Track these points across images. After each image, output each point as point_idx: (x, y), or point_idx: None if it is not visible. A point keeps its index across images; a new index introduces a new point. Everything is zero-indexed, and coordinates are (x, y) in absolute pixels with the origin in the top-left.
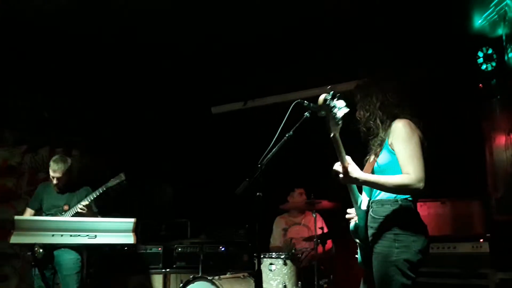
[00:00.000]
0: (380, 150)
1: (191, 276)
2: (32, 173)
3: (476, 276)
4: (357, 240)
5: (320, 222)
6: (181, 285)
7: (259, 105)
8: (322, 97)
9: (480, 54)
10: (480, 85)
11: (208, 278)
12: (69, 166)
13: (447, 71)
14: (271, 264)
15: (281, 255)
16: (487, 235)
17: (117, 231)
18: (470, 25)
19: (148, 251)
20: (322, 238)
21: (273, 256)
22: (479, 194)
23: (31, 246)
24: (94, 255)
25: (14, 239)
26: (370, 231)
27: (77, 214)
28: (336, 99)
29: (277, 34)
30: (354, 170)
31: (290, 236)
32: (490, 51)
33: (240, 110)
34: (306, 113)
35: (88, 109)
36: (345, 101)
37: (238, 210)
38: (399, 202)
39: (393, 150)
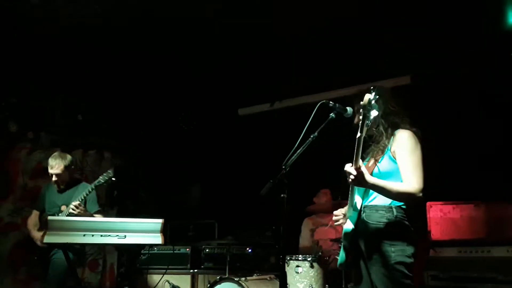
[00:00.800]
0: (381, 156)
1: (218, 277)
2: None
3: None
4: (345, 243)
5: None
6: (208, 285)
7: (286, 107)
8: (367, 97)
9: None
10: None
11: (235, 279)
12: (69, 163)
13: (483, 70)
14: (297, 266)
15: (308, 257)
16: None
17: (146, 231)
18: (505, 21)
19: (176, 251)
20: None
21: (299, 258)
22: None
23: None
24: (124, 255)
25: (48, 238)
26: (364, 236)
27: (71, 215)
28: (374, 101)
29: (303, 35)
30: (366, 174)
31: (317, 237)
32: None
33: (266, 112)
34: (331, 114)
35: (120, 112)
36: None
37: (265, 211)
38: (393, 209)
39: (395, 158)
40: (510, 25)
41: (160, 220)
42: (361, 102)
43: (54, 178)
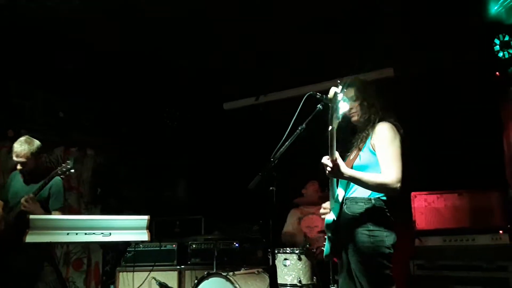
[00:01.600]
0: (363, 146)
1: (206, 272)
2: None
3: (496, 268)
4: (329, 233)
5: None
6: (196, 281)
7: (271, 100)
8: (332, 91)
9: (497, 41)
10: (497, 73)
11: (223, 274)
12: (36, 150)
13: (463, 60)
14: (285, 259)
15: (295, 250)
16: (508, 226)
17: (132, 228)
18: (486, 12)
19: (162, 248)
20: None
21: (287, 251)
22: (497, 185)
23: None
24: (110, 253)
25: (30, 238)
26: (344, 227)
27: (22, 212)
28: (342, 94)
29: (287, 28)
30: (342, 165)
31: (304, 224)
32: (507, 38)
33: (252, 106)
34: (318, 105)
35: (102, 108)
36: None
37: (252, 205)
38: (372, 201)
39: (374, 150)
40: (492, 16)
41: (146, 217)
42: (328, 95)
43: (19, 167)
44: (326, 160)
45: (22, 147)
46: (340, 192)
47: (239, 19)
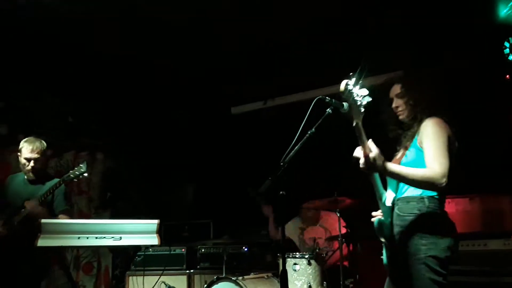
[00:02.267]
0: (409, 145)
1: (215, 277)
2: (57, 177)
3: (508, 273)
4: (382, 239)
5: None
6: (206, 285)
7: (280, 104)
8: (343, 83)
9: (507, 44)
10: (507, 76)
11: (232, 278)
12: (46, 148)
13: (473, 63)
14: (295, 264)
15: (305, 254)
16: None
17: (142, 232)
18: (496, 14)
19: (172, 252)
20: (345, 238)
21: (297, 256)
22: (509, 189)
23: None
24: (119, 257)
25: (41, 242)
26: (396, 229)
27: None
28: (358, 86)
29: (295, 31)
30: (379, 158)
31: (308, 236)
32: None
33: (260, 110)
34: (328, 109)
35: (111, 112)
36: (368, 90)
37: (261, 210)
38: (425, 199)
39: (421, 148)
40: (501, 19)
41: (156, 221)
42: (340, 89)
43: (31, 164)
44: (358, 152)
45: (36, 144)
46: (389, 195)
47: (246, 20)
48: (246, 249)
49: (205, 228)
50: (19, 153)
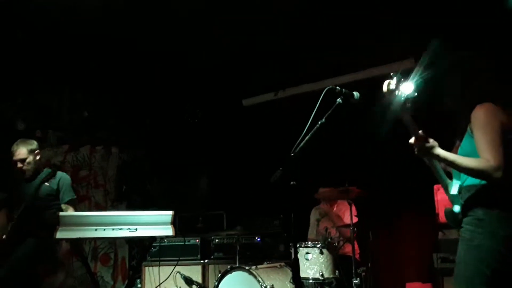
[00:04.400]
0: (464, 134)
1: (229, 266)
2: (74, 171)
3: None
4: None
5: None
6: (220, 275)
7: (290, 95)
8: (385, 84)
9: None
10: None
11: (245, 268)
12: (33, 147)
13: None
14: (307, 253)
15: (317, 244)
16: None
17: (157, 223)
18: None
19: (186, 243)
20: (356, 226)
21: (309, 245)
22: None
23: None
24: (135, 248)
25: (60, 234)
26: (460, 217)
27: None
28: (401, 84)
29: (304, 22)
30: (435, 146)
31: (322, 226)
32: None
33: (271, 101)
34: (338, 99)
35: (125, 107)
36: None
37: (273, 200)
38: (484, 186)
39: (473, 136)
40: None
41: (171, 212)
42: (383, 90)
43: (19, 165)
44: (412, 139)
45: (18, 146)
46: (455, 183)
47: (257, 14)
48: (258, 239)
49: (219, 219)
50: None
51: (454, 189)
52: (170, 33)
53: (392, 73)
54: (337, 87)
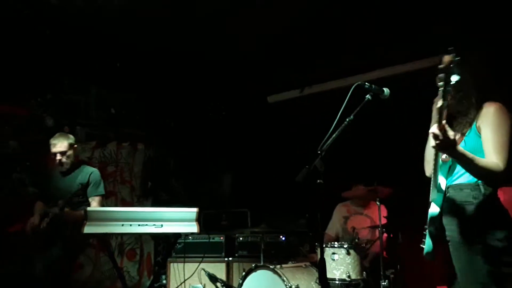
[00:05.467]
0: (468, 130)
1: (253, 265)
2: (102, 167)
3: None
4: (431, 228)
5: (383, 211)
6: (244, 273)
7: (316, 92)
8: (447, 59)
9: None
10: None
11: (270, 267)
12: (72, 141)
13: None
14: (333, 253)
15: (344, 244)
16: None
17: (182, 220)
18: None
19: (211, 240)
20: (386, 228)
21: (335, 245)
22: None
23: None
24: (161, 245)
25: (87, 229)
26: (448, 218)
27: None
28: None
29: (332, 17)
30: (456, 141)
31: (351, 225)
32: None
33: (297, 98)
34: (367, 96)
35: (152, 104)
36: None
37: (298, 199)
38: (480, 186)
39: (480, 134)
40: None
41: (195, 209)
42: (440, 65)
43: (58, 157)
44: (434, 128)
45: (59, 139)
46: (441, 181)
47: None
48: (283, 238)
49: (243, 216)
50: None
51: (442, 186)
52: (195, 30)
53: (450, 48)
54: (366, 83)
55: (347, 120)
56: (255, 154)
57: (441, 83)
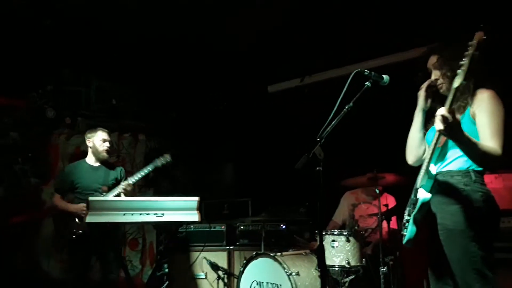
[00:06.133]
0: (461, 115)
1: (254, 253)
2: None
3: None
4: (417, 215)
5: (384, 199)
6: (245, 261)
7: (316, 81)
8: (480, 34)
9: None
10: None
11: (271, 254)
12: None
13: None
14: (333, 241)
15: (344, 231)
16: None
17: (183, 209)
18: None
19: (212, 229)
20: (387, 215)
21: (335, 232)
22: None
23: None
24: (163, 234)
25: (89, 218)
26: (438, 205)
27: (119, 194)
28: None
29: (332, 6)
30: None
31: (358, 213)
32: None
33: (296, 87)
34: (367, 83)
35: (152, 95)
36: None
37: (299, 187)
38: (471, 173)
39: (474, 120)
40: None
41: (196, 198)
42: (471, 42)
43: (107, 145)
44: (444, 111)
45: (107, 130)
46: (432, 168)
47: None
48: (283, 227)
49: (244, 206)
50: (90, 138)
51: (432, 172)
52: (195, 20)
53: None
54: (366, 70)
55: (347, 107)
56: (256, 143)
57: (465, 61)
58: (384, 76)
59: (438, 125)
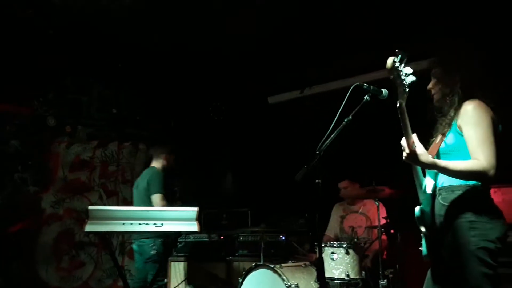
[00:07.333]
0: (448, 130)
1: (253, 264)
2: (103, 167)
3: None
4: (422, 229)
5: (382, 211)
6: (244, 272)
7: (316, 93)
8: (390, 60)
9: None
10: None
11: (270, 266)
12: None
13: None
14: (332, 253)
15: (343, 244)
16: None
17: (182, 219)
18: None
19: (211, 239)
20: (385, 228)
21: (334, 245)
22: None
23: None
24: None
25: (88, 227)
26: (439, 219)
27: None
28: (403, 64)
29: (332, 18)
30: (422, 153)
31: (347, 224)
32: None
33: (296, 99)
34: (366, 96)
35: (152, 104)
36: (412, 68)
37: (298, 199)
38: (471, 187)
39: (461, 132)
40: None
41: (196, 208)
42: (386, 66)
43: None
44: (404, 141)
45: None
46: (428, 182)
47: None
48: (283, 238)
49: (243, 216)
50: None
51: (428, 188)
52: (196, 31)
53: (397, 50)
54: (365, 84)
55: (346, 120)
56: (255, 154)
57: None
58: (383, 90)
59: (403, 154)
